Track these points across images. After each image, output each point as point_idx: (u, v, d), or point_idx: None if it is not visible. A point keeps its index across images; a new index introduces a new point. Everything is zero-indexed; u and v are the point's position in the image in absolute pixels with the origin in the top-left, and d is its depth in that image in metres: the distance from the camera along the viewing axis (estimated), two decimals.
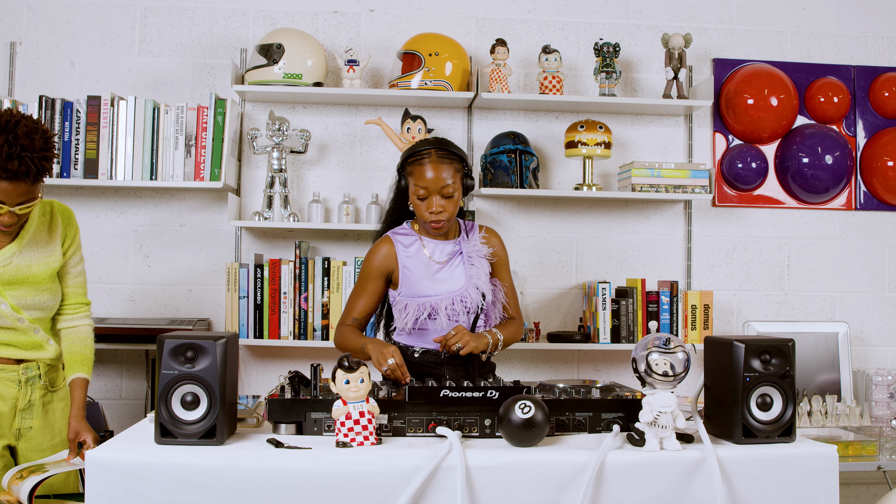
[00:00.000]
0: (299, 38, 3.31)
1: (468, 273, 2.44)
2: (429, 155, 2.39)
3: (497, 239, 2.56)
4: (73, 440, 2.19)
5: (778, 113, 3.61)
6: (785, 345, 1.87)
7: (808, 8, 3.74)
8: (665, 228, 3.65)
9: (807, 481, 1.82)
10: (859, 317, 3.71)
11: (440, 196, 2.37)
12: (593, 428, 1.94)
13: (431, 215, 2.38)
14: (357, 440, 1.80)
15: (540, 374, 3.56)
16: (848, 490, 3.57)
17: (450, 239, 2.49)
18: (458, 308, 2.41)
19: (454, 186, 2.39)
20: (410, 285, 2.43)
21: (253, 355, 3.49)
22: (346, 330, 2.46)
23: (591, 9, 3.65)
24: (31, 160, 2.06)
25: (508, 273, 2.59)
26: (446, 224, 2.41)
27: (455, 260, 2.46)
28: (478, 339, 2.34)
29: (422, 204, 2.39)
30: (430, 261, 2.44)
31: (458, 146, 2.47)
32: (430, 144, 2.42)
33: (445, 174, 2.37)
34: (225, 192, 3.41)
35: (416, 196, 2.39)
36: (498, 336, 2.41)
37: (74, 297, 2.39)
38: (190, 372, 1.77)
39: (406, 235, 2.49)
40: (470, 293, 2.42)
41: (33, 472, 2.02)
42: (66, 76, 3.46)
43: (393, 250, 2.45)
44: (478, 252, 2.47)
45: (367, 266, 2.48)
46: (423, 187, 2.37)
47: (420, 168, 2.38)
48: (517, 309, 2.59)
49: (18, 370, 2.27)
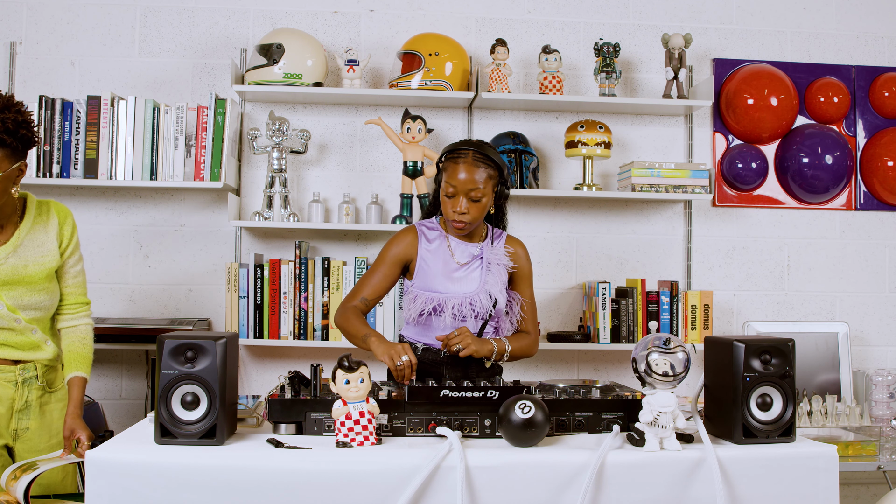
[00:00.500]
0: (299, 38, 3.31)
1: (483, 278, 2.43)
2: (465, 155, 2.39)
3: (523, 251, 2.54)
4: (68, 438, 2.19)
5: (778, 113, 3.61)
6: (785, 345, 1.87)
7: (808, 8, 3.74)
8: (665, 228, 3.65)
9: (807, 481, 1.82)
10: (859, 317, 3.71)
11: (467, 198, 2.37)
12: (593, 428, 1.94)
13: (454, 214, 2.38)
14: (357, 440, 1.80)
15: (540, 374, 3.56)
16: (848, 490, 3.57)
17: (474, 242, 2.49)
18: (466, 310, 2.40)
19: (483, 191, 2.37)
20: (425, 279, 2.43)
21: (253, 355, 3.49)
22: (352, 311, 2.41)
23: (591, 9, 3.65)
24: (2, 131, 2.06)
25: (530, 287, 2.56)
26: (468, 227, 2.40)
27: (475, 263, 2.46)
28: (480, 344, 2.32)
29: (448, 202, 2.40)
30: (450, 259, 2.45)
31: (499, 155, 2.46)
32: (470, 146, 2.42)
33: (478, 177, 2.36)
34: (225, 192, 3.41)
35: (444, 193, 2.40)
36: (505, 345, 2.39)
37: (73, 296, 2.38)
38: (190, 372, 1.77)
39: (432, 230, 2.49)
40: (481, 298, 2.40)
41: (26, 470, 2.02)
42: (66, 76, 3.46)
43: (416, 240, 2.46)
44: (498, 260, 2.46)
45: (386, 250, 2.48)
46: (452, 185, 2.37)
47: (454, 166, 2.38)
48: (534, 325, 2.56)
49: (15, 371, 2.27)
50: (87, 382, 2.32)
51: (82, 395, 2.29)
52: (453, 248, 2.46)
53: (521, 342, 2.47)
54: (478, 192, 2.36)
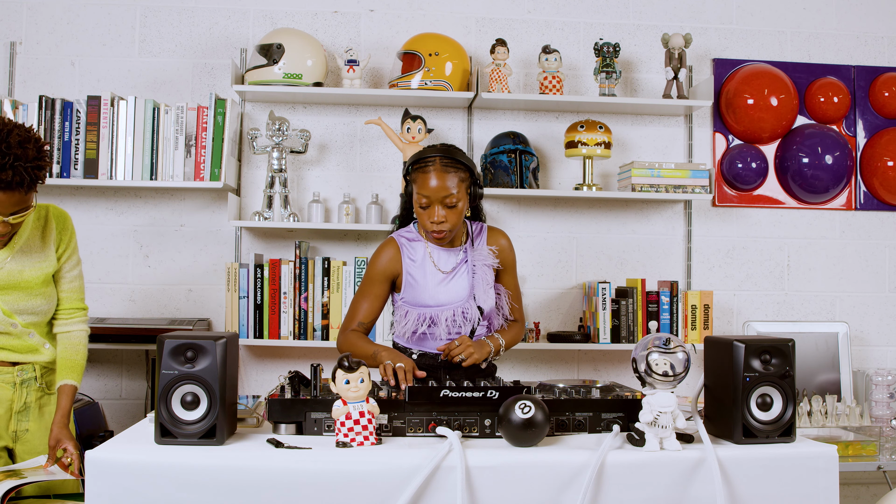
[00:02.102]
0: (299, 38, 3.31)
1: (471, 283, 2.40)
2: (433, 163, 2.32)
3: (506, 240, 2.50)
4: (52, 447, 2.17)
5: (778, 113, 3.61)
6: (785, 345, 1.87)
7: (808, 8, 3.74)
8: (665, 228, 3.65)
9: (807, 481, 1.82)
10: (859, 317, 3.71)
11: (442, 206, 2.31)
12: (593, 428, 1.94)
13: (433, 225, 2.32)
14: (357, 440, 1.79)
15: (540, 374, 3.56)
16: (848, 490, 3.57)
17: (456, 246, 2.45)
18: (459, 320, 2.38)
19: (458, 196, 2.31)
20: (413, 293, 2.40)
21: (253, 355, 3.49)
22: (353, 336, 2.38)
23: (591, 9, 3.65)
24: (24, 170, 2.04)
25: (514, 276, 2.54)
26: (448, 234, 2.35)
27: (460, 268, 2.42)
28: (480, 350, 2.32)
29: (424, 213, 2.34)
30: (435, 270, 2.41)
31: (466, 155, 2.40)
32: (436, 151, 2.34)
33: (450, 183, 2.30)
34: (225, 192, 3.41)
35: (418, 205, 2.34)
36: (500, 341, 2.39)
37: (69, 301, 2.37)
38: (190, 372, 1.77)
39: (412, 240, 2.44)
40: (472, 305, 2.39)
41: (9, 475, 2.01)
42: (66, 76, 3.46)
43: (398, 254, 2.41)
44: (483, 261, 2.42)
45: (371, 269, 2.43)
46: (425, 196, 2.31)
47: (423, 176, 2.31)
48: (520, 312, 2.56)
49: (14, 372, 2.27)
50: (77, 390, 2.30)
51: (71, 404, 2.27)
52: (436, 258, 2.41)
53: (511, 333, 2.47)
54: (452, 199, 2.30)
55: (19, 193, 2.07)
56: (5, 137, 2.04)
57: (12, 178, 2.03)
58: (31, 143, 2.08)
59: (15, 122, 2.10)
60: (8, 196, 2.06)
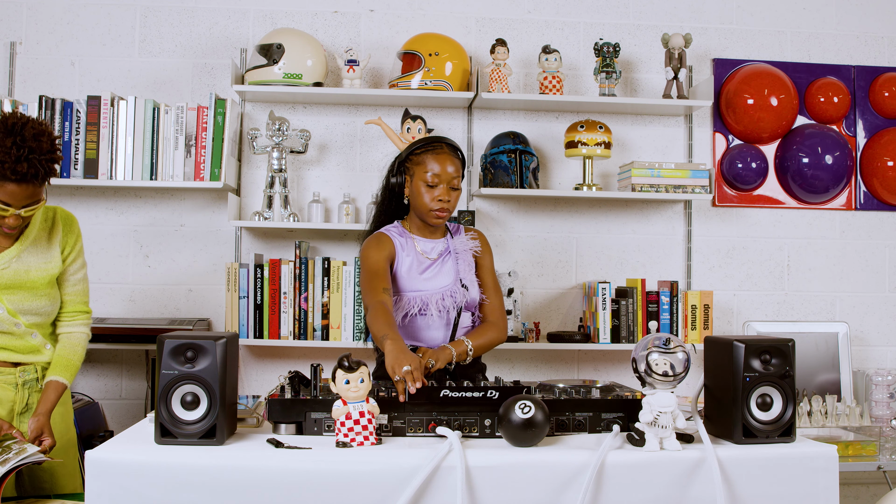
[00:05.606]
0: (299, 38, 3.31)
1: (457, 268, 2.48)
2: (441, 147, 2.46)
3: (483, 238, 2.61)
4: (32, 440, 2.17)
5: (778, 113, 3.61)
6: (785, 345, 1.87)
7: (808, 8, 3.74)
8: (665, 228, 3.65)
9: (807, 481, 1.82)
10: (859, 317, 3.71)
11: (448, 186, 2.43)
12: (593, 428, 1.94)
13: (439, 203, 2.42)
14: (357, 440, 1.80)
15: (540, 374, 3.56)
16: (848, 490, 3.57)
17: (437, 238, 2.54)
18: (448, 303, 2.43)
19: (459, 182, 2.46)
20: (402, 281, 2.45)
21: (253, 355, 3.49)
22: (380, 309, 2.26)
23: (591, 9, 3.65)
24: (38, 162, 2.08)
25: (493, 275, 2.58)
26: (449, 215, 2.46)
27: (445, 257, 2.51)
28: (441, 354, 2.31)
29: (430, 191, 2.43)
30: (421, 257, 2.48)
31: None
32: (440, 139, 2.50)
33: (456, 167, 2.45)
34: (225, 192, 3.41)
35: (425, 183, 2.43)
36: (466, 345, 2.38)
37: (73, 304, 2.38)
38: (190, 372, 1.77)
39: (399, 235, 2.51)
40: (459, 289, 2.45)
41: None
42: (66, 76, 3.46)
43: (390, 242, 2.47)
44: (464, 247, 2.53)
45: (371, 256, 2.40)
46: (436, 175, 2.42)
47: (434, 156, 2.43)
48: (500, 312, 2.54)
49: (15, 373, 2.27)
50: (66, 389, 2.30)
51: (57, 400, 2.26)
52: (421, 248, 2.50)
53: (483, 337, 2.45)
54: (457, 181, 2.45)
55: (33, 186, 2.11)
56: (20, 130, 2.07)
57: (27, 171, 2.06)
58: (45, 136, 2.11)
59: (28, 115, 2.13)
60: (22, 189, 2.09)
